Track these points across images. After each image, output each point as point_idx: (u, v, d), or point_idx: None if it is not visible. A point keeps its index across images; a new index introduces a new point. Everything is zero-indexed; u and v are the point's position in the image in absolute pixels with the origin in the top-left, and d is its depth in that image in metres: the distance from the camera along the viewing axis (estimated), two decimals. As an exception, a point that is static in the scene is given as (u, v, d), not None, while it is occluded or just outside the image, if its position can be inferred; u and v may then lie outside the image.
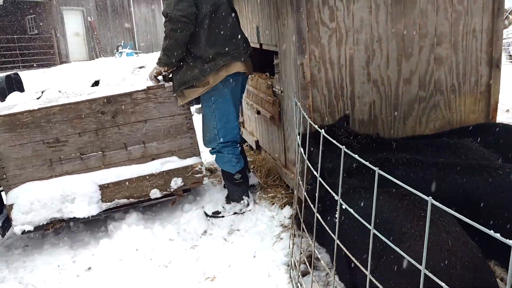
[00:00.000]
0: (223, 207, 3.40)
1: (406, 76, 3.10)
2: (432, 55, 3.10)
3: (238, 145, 3.40)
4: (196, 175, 3.31)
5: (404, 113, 3.15)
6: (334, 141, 1.60)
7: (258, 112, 4.04)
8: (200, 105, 3.57)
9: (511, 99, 5.96)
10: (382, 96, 3.09)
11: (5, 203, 3.14)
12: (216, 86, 3.17)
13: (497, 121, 3.32)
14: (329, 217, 2.00)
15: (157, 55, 19.54)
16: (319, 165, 1.74)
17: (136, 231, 3.11)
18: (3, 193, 3.20)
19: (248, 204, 3.40)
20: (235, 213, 3.36)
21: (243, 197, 3.40)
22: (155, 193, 3.24)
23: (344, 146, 1.50)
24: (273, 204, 3.34)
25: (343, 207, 1.51)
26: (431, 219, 1.52)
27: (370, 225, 1.30)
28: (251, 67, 3.38)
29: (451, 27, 3.09)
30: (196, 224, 3.22)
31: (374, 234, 1.27)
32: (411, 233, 1.55)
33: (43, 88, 4.06)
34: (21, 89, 3.96)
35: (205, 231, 3.20)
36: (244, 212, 3.36)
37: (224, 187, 3.60)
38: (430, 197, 1.07)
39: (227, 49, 3.14)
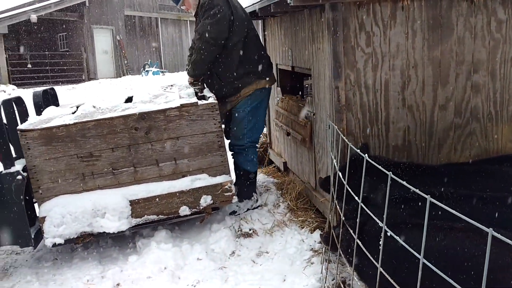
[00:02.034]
0: (237, 206, 3.69)
1: (441, 102, 3.06)
2: (468, 82, 3.07)
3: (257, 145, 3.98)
4: (225, 193, 3.30)
5: (439, 140, 3.10)
6: (380, 167, 1.58)
7: (288, 134, 4.04)
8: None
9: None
10: (417, 122, 3.06)
11: (37, 215, 3.18)
12: (253, 95, 3.64)
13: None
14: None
15: (182, 74, 19.92)
16: (361, 191, 1.71)
17: (164, 249, 3.10)
18: (36, 205, 3.24)
19: (257, 200, 3.81)
20: (247, 209, 3.71)
21: (253, 193, 3.79)
22: (184, 210, 3.24)
23: (390, 172, 1.48)
24: (303, 227, 3.30)
25: (388, 235, 1.47)
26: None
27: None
28: (274, 79, 3.90)
29: (489, 55, 3.06)
30: (224, 245, 3.20)
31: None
32: None
33: (73, 103, 4.14)
34: (56, 103, 4.04)
35: (233, 252, 3.17)
36: (254, 208, 3.73)
37: None
38: (491, 229, 1.03)
39: (254, 69, 3.64)
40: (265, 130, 5.31)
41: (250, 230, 3.42)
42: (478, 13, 2.97)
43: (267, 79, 3.73)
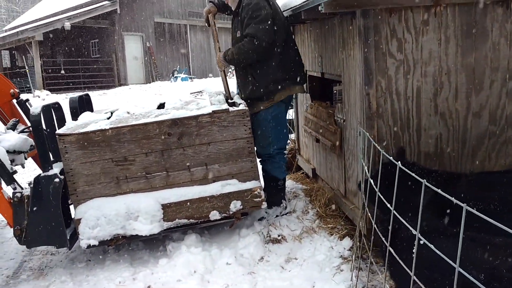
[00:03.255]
0: (266, 212, 3.70)
1: (475, 109, 3.01)
2: (504, 89, 3.01)
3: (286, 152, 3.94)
4: (255, 199, 3.33)
5: (473, 148, 3.05)
6: (413, 174, 1.57)
7: (317, 140, 4.04)
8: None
9: None
10: (449, 129, 3.02)
11: (73, 217, 3.28)
12: (280, 102, 3.67)
13: None
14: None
15: (210, 80, 20.10)
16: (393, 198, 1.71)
17: (194, 253, 3.15)
18: (71, 207, 3.35)
19: (286, 206, 3.82)
20: (276, 216, 3.70)
21: (282, 200, 3.80)
22: (214, 215, 3.28)
23: (425, 180, 1.47)
24: (332, 234, 3.29)
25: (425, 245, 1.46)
26: None
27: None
28: (304, 87, 3.97)
29: (525, 61, 2.99)
30: (253, 250, 3.22)
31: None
32: None
33: (107, 108, 4.26)
34: (90, 109, 4.17)
35: (262, 258, 3.19)
36: (283, 214, 3.73)
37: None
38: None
39: (290, 75, 3.68)
40: (293, 136, 5.33)
41: (278, 236, 3.43)
42: (514, 19, 2.92)
43: (301, 85, 3.79)
